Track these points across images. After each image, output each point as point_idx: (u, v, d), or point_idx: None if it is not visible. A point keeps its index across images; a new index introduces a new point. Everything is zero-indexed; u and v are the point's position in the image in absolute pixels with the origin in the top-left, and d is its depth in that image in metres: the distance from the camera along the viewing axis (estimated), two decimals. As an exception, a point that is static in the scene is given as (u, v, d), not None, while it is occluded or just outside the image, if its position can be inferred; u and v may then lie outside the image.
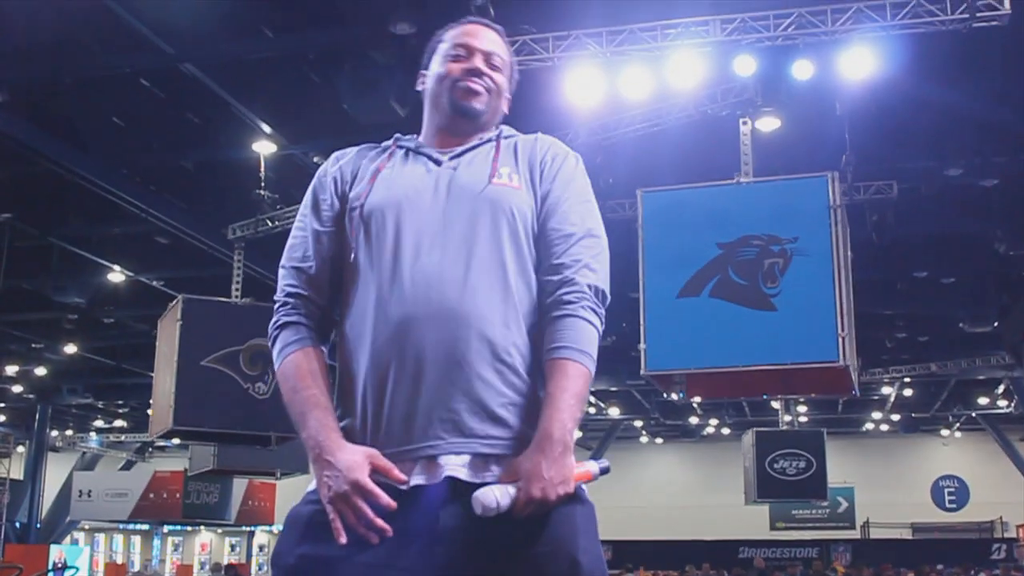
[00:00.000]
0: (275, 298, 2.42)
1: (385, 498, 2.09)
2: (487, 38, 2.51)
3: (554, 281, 2.26)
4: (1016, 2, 8.51)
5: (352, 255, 2.32)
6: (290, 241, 2.44)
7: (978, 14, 8.53)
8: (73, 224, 14.81)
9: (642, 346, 9.49)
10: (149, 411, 15.95)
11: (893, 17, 8.82)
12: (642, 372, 9.54)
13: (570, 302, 2.23)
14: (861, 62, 9.20)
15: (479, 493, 2.06)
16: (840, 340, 8.85)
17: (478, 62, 2.46)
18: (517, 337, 2.20)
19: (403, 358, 2.17)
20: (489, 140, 2.43)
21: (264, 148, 12.36)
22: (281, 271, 2.42)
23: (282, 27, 10.34)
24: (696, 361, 9.64)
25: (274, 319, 2.40)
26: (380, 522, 2.08)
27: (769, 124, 10.66)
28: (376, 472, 2.12)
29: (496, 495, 2.05)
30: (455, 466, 2.12)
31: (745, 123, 10.56)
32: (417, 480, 2.14)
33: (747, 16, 9.14)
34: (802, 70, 9.51)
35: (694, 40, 9.29)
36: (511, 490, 2.07)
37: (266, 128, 11.87)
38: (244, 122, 11.78)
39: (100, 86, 11.35)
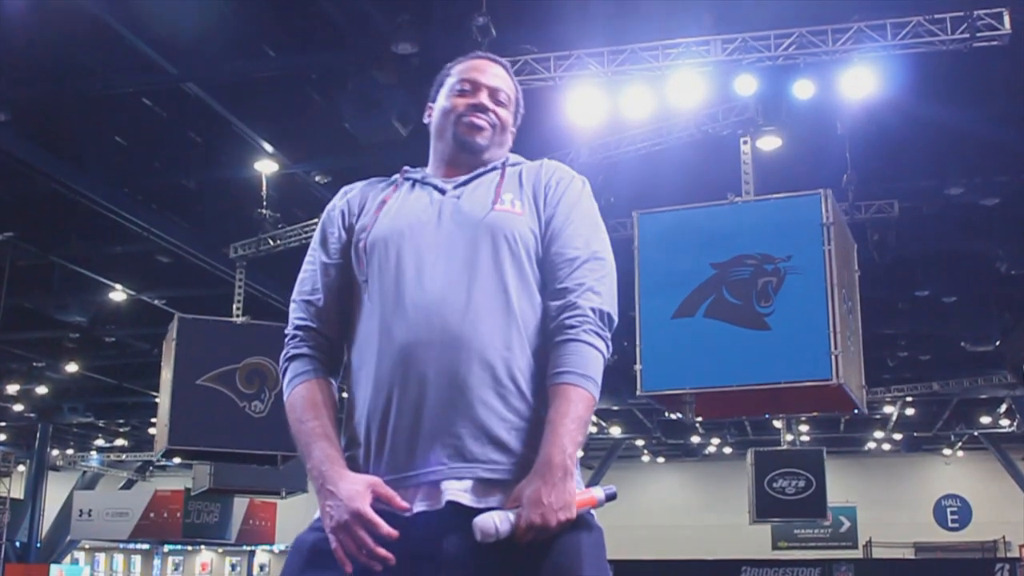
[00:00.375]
0: (285, 331, 2.44)
1: (386, 527, 2.08)
2: (493, 73, 2.52)
3: (557, 306, 2.25)
4: (1017, 22, 8.53)
5: (357, 285, 2.34)
6: (300, 275, 2.47)
7: (978, 34, 8.55)
8: (75, 243, 14.81)
9: (638, 367, 9.48)
10: (151, 430, 15.97)
11: (894, 37, 8.83)
12: (638, 392, 9.56)
13: (573, 326, 2.22)
14: (862, 82, 9.21)
15: (478, 519, 2.05)
16: (833, 358, 8.77)
17: (483, 98, 2.47)
18: (521, 360, 2.20)
19: (406, 384, 2.18)
20: (494, 168, 2.44)
21: (266, 167, 12.37)
22: (292, 305, 2.45)
23: (284, 47, 10.38)
24: (691, 381, 9.60)
25: (284, 351, 2.42)
26: (382, 551, 2.07)
27: (770, 143, 10.66)
28: (379, 500, 2.12)
29: (496, 521, 2.05)
30: (456, 491, 2.12)
31: (746, 142, 10.57)
32: (420, 507, 2.14)
33: (748, 36, 9.15)
34: (803, 89, 9.52)
35: (695, 60, 9.31)
36: (511, 516, 2.07)
37: (268, 147, 11.88)
38: (246, 141, 11.80)
39: (102, 105, 11.38)
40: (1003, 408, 25.23)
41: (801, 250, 9.09)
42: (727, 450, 30.64)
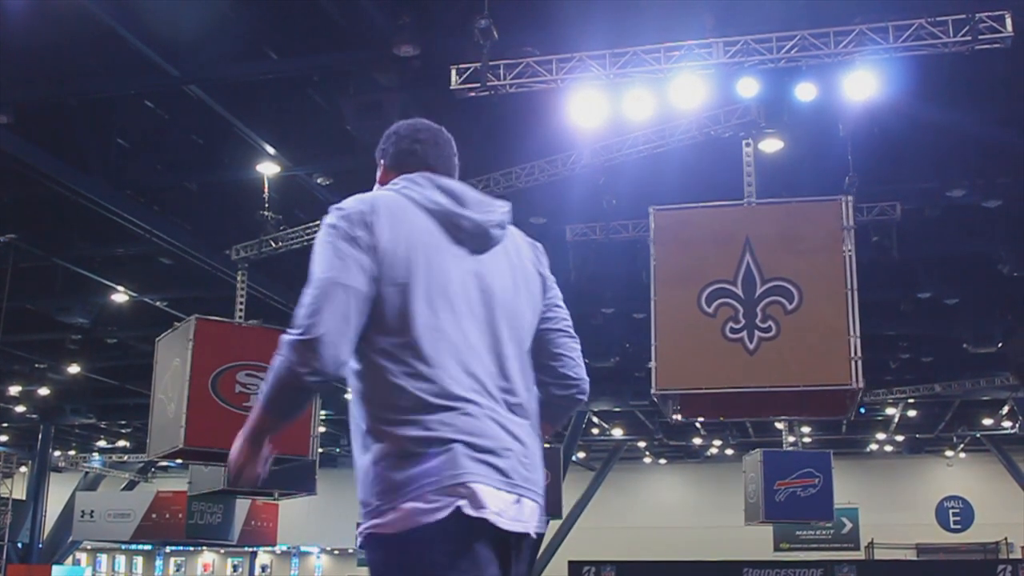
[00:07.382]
0: None
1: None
2: None
3: None
4: (1018, 24, 8.52)
5: None
6: None
7: (980, 37, 8.54)
8: (77, 245, 14.83)
9: None
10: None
11: (896, 40, 8.83)
12: None
13: None
14: (864, 84, 9.22)
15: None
16: (652, 370, 9.91)
17: None
18: (356, 409, 2.47)
19: None
20: None
21: (268, 169, 12.37)
22: None
23: (286, 49, 10.39)
24: None
25: None
26: None
27: (772, 145, 10.68)
28: None
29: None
30: None
31: (748, 144, 10.58)
32: None
33: (750, 38, 9.15)
34: (805, 92, 9.53)
35: (697, 62, 9.31)
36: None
37: (270, 149, 11.88)
38: (248, 143, 11.80)
39: (104, 108, 11.40)
40: (1005, 410, 25.23)
41: None
42: (729, 452, 30.60)
